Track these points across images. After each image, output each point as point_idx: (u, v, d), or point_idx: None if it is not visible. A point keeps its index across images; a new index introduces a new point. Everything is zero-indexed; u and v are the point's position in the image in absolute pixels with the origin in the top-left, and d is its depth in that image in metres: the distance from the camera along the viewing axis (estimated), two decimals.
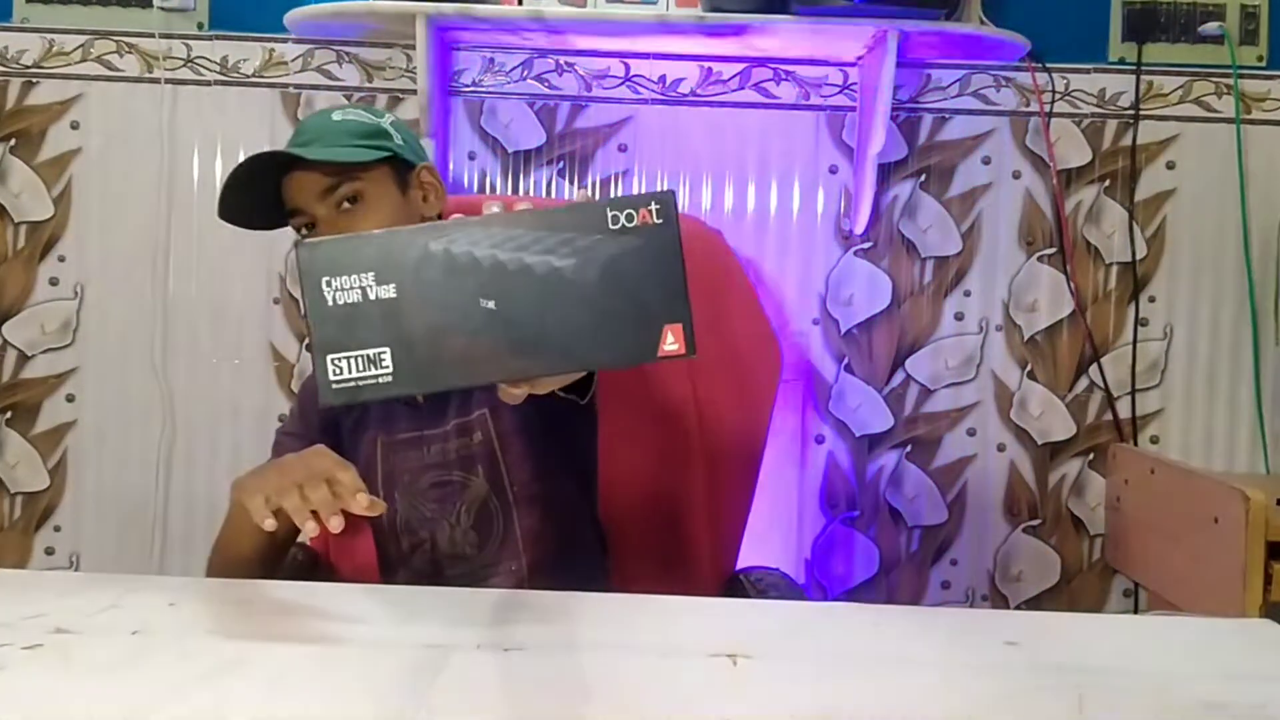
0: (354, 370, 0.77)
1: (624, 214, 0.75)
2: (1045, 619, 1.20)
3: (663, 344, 0.75)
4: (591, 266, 0.75)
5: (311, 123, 1.35)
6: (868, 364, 2.23)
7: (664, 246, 0.75)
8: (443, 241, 0.76)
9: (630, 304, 0.75)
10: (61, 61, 2.21)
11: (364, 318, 0.77)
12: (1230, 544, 1.67)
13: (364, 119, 1.35)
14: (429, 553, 1.39)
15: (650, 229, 0.75)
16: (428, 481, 1.38)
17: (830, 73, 2.20)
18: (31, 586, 1.09)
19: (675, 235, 0.75)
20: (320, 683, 0.85)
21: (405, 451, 1.39)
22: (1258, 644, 1.03)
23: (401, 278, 0.76)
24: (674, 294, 0.75)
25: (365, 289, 0.77)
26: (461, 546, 1.38)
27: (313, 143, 1.30)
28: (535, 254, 0.75)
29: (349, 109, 1.37)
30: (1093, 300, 2.22)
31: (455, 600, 1.11)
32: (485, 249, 0.76)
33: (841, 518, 2.25)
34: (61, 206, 2.22)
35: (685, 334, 0.75)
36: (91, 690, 0.82)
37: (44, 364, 2.24)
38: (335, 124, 1.33)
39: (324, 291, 0.77)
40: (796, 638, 1.01)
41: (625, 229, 0.75)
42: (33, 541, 2.26)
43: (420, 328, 0.76)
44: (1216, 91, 2.20)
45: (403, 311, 0.76)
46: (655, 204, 0.75)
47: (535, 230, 0.76)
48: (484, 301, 0.75)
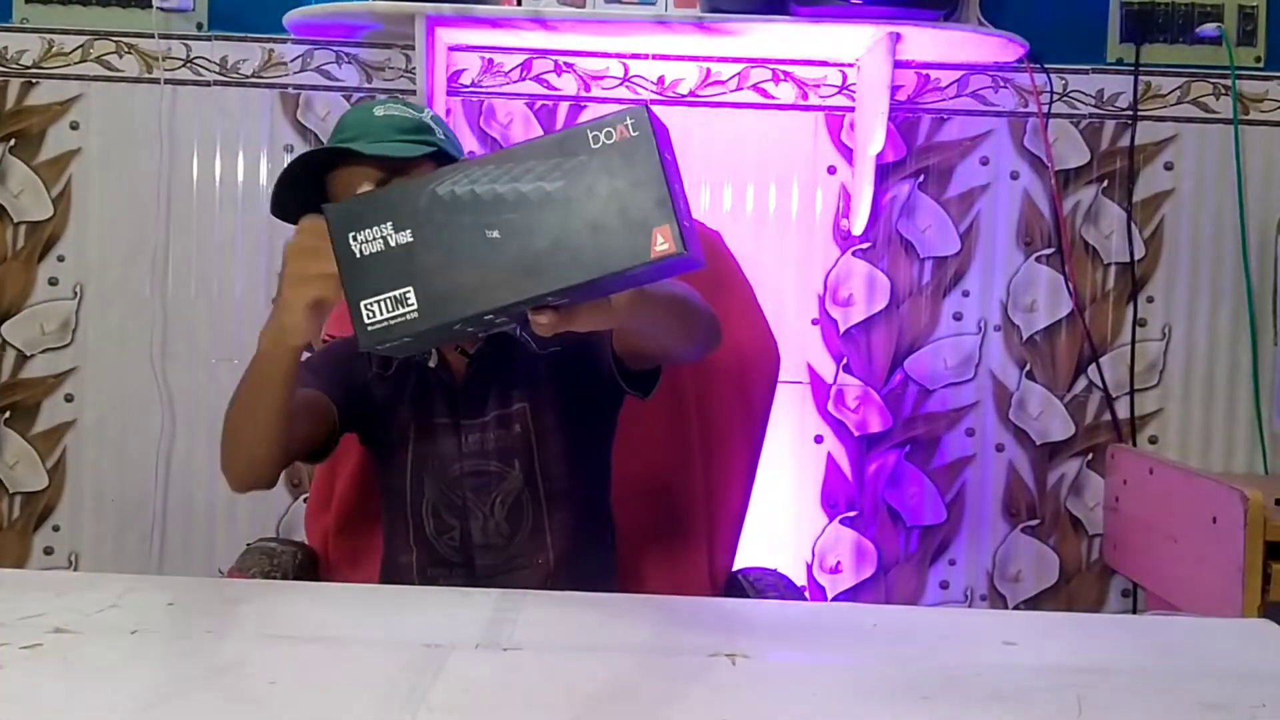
0: (384, 312, 0.84)
1: (603, 133, 0.80)
2: (1044, 619, 1.20)
3: (654, 246, 0.79)
4: (579, 185, 0.80)
5: (354, 118, 1.35)
6: (866, 364, 2.23)
7: (643, 156, 0.79)
8: (447, 184, 0.83)
9: (619, 213, 0.79)
10: (61, 62, 2.21)
11: (387, 263, 0.84)
12: (1229, 544, 1.68)
13: (407, 114, 1.35)
14: (458, 540, 1.39)
15: (628, 141, 0.79)
16: (463, 469, 1.38)
17: (829, 73, 2.21)
18: (30, 586, 1.09)
19: (652, 144, 0.79)
20: (319, 682, 0.85)
21: (439, 437, 1.39)
22: (1256, 644, 1.03)
23: (416, 222, 0.83)
24: (658, 199, 0.79)
25: (386, 238, 0.84)
26: (493, 537, 1.39)
27: (358, 139, 1.30)
28: (529, 182, 0.80)
29: (390, 104, 1.36)
30: (1091, 300, 2.22)
31: (454, 600, 1.11)
32: (484, 185, 0.82)
33: (840, 518, 2.25)
34: (61, 206, 2.22)
35: (674, 234, 0.78)
36: (90, 690, 0.82)
37: (43, 364, 2.24)
38: (379, 119, 1.33)
39: (351, 246, 0.84)
40: (795, 638, 1.01)
41: (606, 146, 0.80)
42: (31, 541, 2.26)
43: (436, 264, 0.83)
44: (1214, 92, 2.20)
45: (419, 252, 0.83)
46: (630, 118, 0.80)
47: (526, 161, 0.81)
48: (489, 232, 0.81)
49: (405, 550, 1.42)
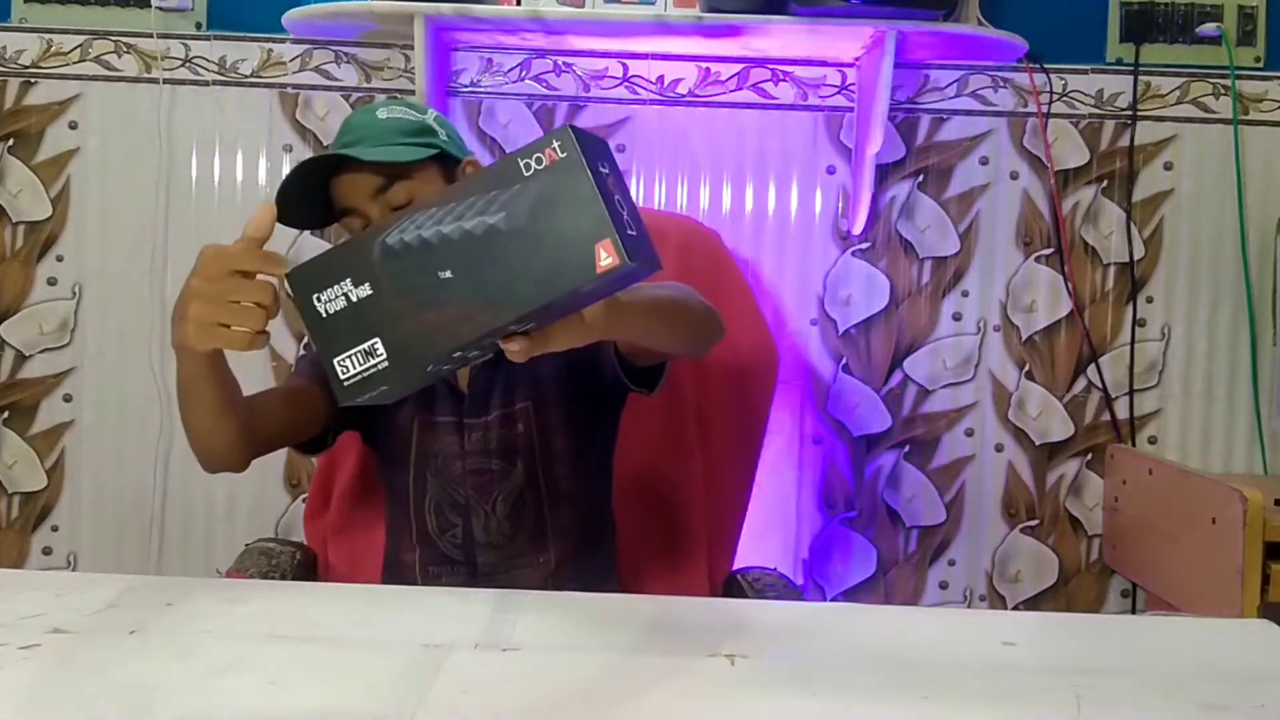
0: (356, 365, 0.86)
1: (533, 159, 0.81)
2: (1043, 619, 1.20)
3: (598, 262, 0.80)
4: (519, 213, 0.81)
5: (357, 121, 1.35)
6: (866, 364, 2.23)
7: (574, 175, 0.80)
8: (395, 234, 0.85)
9: (560, 235, 0.80)
10: (60, 61, 2.21)
11: (352, 318, 0.86)
12: (1228, 544, 1.68)
13: (410, 116, 1.35)
14: (460, 538, 1.40)
15: (559, 163, 0.81)
16: (465, 468, 1.39)
17: (828, 73, 2.21)
18: (29, 586, 1.09)
19: (580, 163, 0.80)
20: (318, 682, 0.85)
21: (442, 435, 1.39)
22: (1256, 644, 1.03)
23: (372, 275, 0.86)
24: (594, 215, 0.80)
25: (347, 294, 0.86)
26: (495, 535, 1.39)
27: (360, 142, 1.31)
28: (470, 219, 0.83)
29: (393, 105, 1.37)
30: (1090, 301, 2.22)
31: (453, 600, 1.11)
32: (430, 229, 0.84)
33: (839, 518, 2.25)
34: (60, 206, 2.22)
35: (616, 248, 0.79)
36: (89, 690, 0.82)
37: (42, 364, 2.24)
38: (381, 122, 1.33)
39: (316, 306, 0.87)
40: (794, 638, 1.01)
41: (538, 171, 0.81)
42: (30, 541, 2.26)
43: (397, 312, 0.85)
44: (1214, 92, 2.20)
45: (380, 303, 0.86)
46: (556, 141, 0.81)
47: (465, 199, 0.84)
48: (441, 273, 0.83)
49: (408, 548, 1.42)
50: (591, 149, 0.82)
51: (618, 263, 0.79)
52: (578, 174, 0.80)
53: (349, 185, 1.31)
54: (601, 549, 1.46)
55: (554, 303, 0.83)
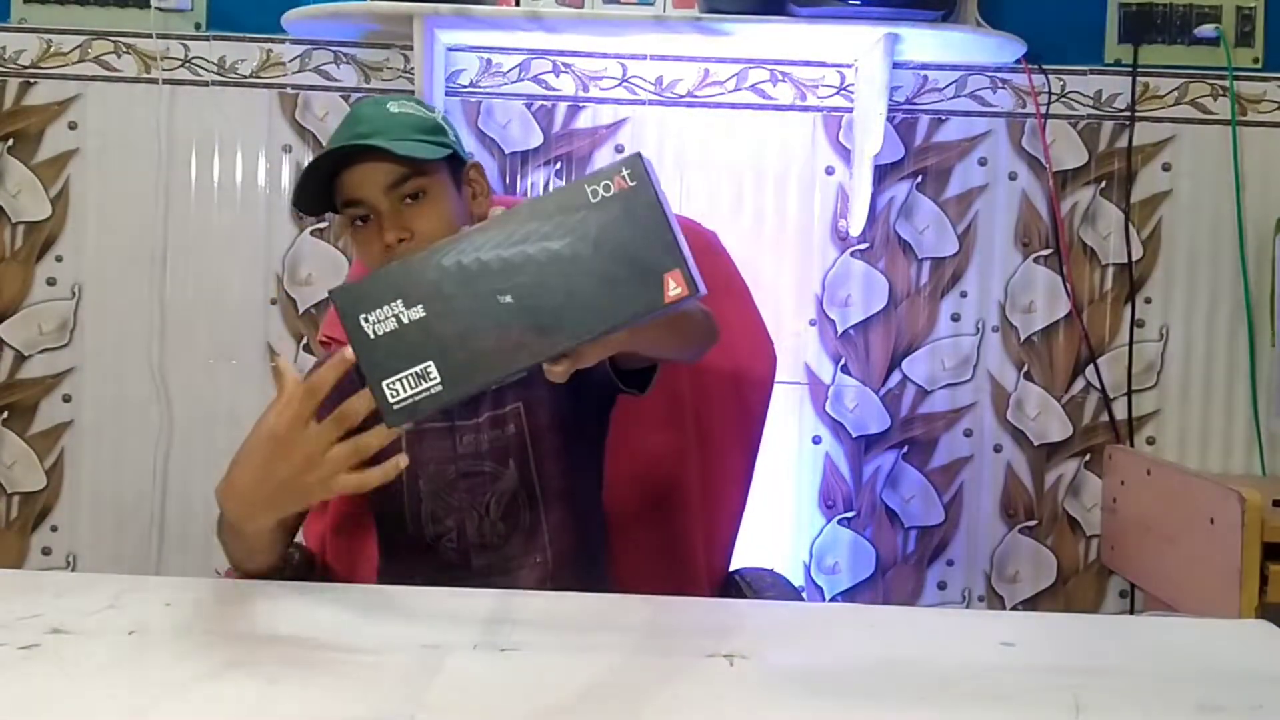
0: (407, 389, 0.85)
1: (601, 185, 0.81)
2: (1042, 619, 1.20)
3: (667, 291, 0.80)
4: (584, 240, 0.81)
5: (368, 112, 1.32)
6: (864, 365, 2.23)
7: (644, 204, 0.80)
8: (453, 256, 0.84)
9: (627, 264, 0.80)
10: (59, 62, 2.21)
11: (403, 341, 0.85)
12: (1226, 545, 1.68)
13: (423, 113, 1.34)
14: (455, 542, 1.39)
15: (627, 191, 0.80)
16: (457, 471, 1.38)
17: (827, 74, 2.21)
18: (28, 586, 1.09)
19: (652, 192, 0.80)
20: (317, 683, 0.85)
21: (434, 441, 1.38)
22: (1254, 645, 1.03)
23: (426, 296, 0.84)
24: (664, 245, 0.80)
25: (398, 315, 0.84)
26: (490, 537, 1.38)
27: (376, 134, 1.28)
28: (534, 244, 0.81)
29: (404, 101, 1.35)
30: (1089, 301, 2.22)
31: (452, 600, 1.11)
32: (490, 252, 0.82)
33: (838, 518, 2.25)
34: (59, 206, 2.22)
35: (685, 277, 0.80)
36: (88, 690, 0.82)
37: (41, 364, 2.24)
38: (395, 116, 1.31)
39: (363, 327, 0.85)
40: (793, 639, 1.01)
41: (605, 199, 0.81)
42: (29, 541, 2.26)
43: (453, 335, 0.84)
44: (1212, 93, 2.20)
45: (434, 326, 0.84)
46: (626, 169, 0.81)
47: (528, 223, 0.82)
48: (501, 298, 0.82)
49: (403, 555, 1.42)
50: (655, 178, 0.82)
51: (686, 293, 0.80)
52: (649, 202, 0.80)
53: (362, 176, 1.29)
54: (596, 547, 1.46)
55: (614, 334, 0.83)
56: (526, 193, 2.21)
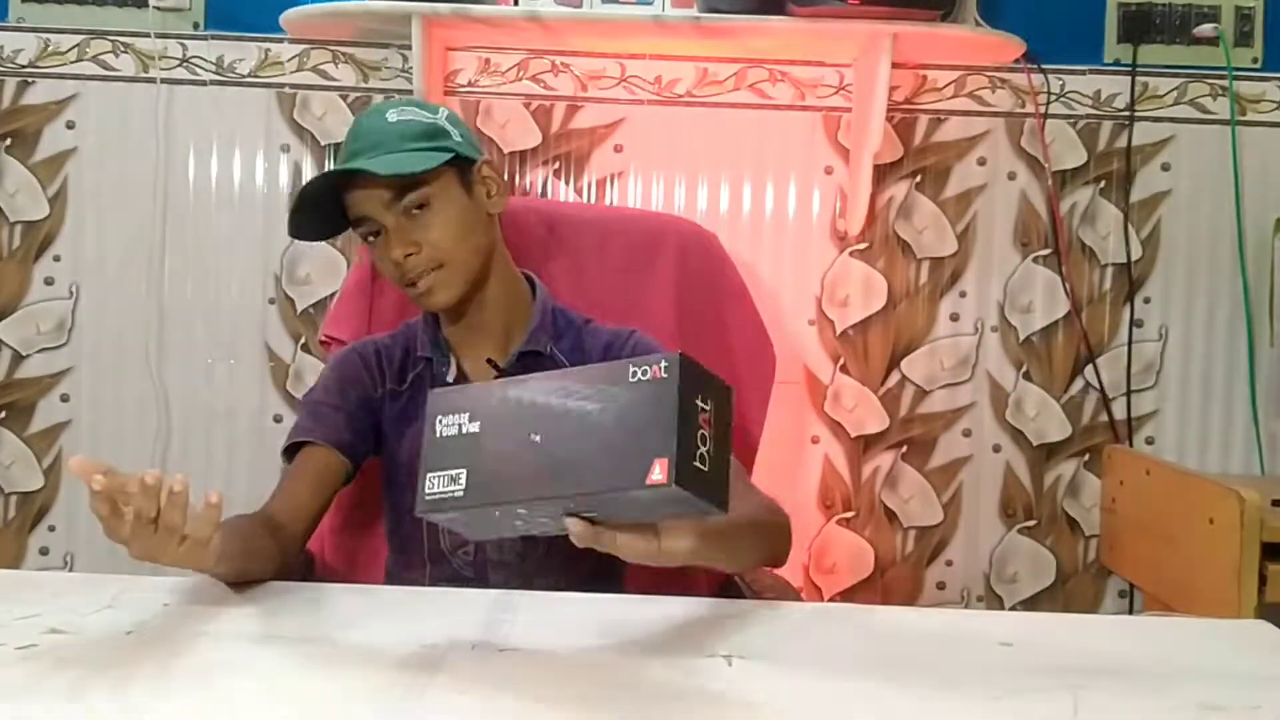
0: (439, 486, 0.93)
1: (642, 369, 0.89)
2: (1040, 620, 1.20)
3: (650, 474, 0.85)
4: (610, 410, 0.89)
5: (367, 126, 1.33)
6: (863, 365, 2.23)
7: (665, 395, 0.87)
8: (517, 390, 0.94)
9: (632, 440, 0.87)
10: (57, 61, 2.20)
11: (455, 446, 0.94)
12: (1225, 545, 1.68)
13: (421, 118, 1.33)
14: (471, 556, 1.38)
15: (658, 381, 0.87)
16: None
17: (826, 73, 2.21)
18: (26, 586, 1.09)
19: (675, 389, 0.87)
20: (316, 683, 0.85)
21: None
22: (1252, 645, 1.03)
23: (485, 416, 0.94)
24: (666, 433, 0.86)
25: (460, 424, 0.94)
26: (508, 555, 1.38)
27: (372, 149, 1.29)
28: (575, 400, 0.91)
29: (404, 107, 1.34)
30: (1088, 301, 2.22)
31: (451, 600, 1.11)
32: (543, 396, 0.92)
33: (837, 518, 2.25)
34: (57, 206, 2.22)
35: (669, 468, 0.85)
36: (85, 691, 0.81)
37: (39, 364, 2.24)
38: (393, 127, 1.31)
39: (437, 425, 0.95)
40: (792, 639, 1.01)
41: (640, 381, 0.88)
42: (27, 541, 2.26)
43: (489, 455, 0.92)
44: (1211, 93, 2.20)
45: (481, 443, 0.93)
46: (665, 362, 0.88)
47: (579, 383, 0.91)
48: (533, 435, 0.91)
49: (418, 565, 1.40)
50: (696, 383, 0.88)
51: (665, 481, 0.84)
52: (668, 395, 0.86)
53: (363, 196, 1.30)
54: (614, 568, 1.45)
55: (605, 494, 0.88)
56: (526, 192, 2.21)
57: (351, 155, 1.31)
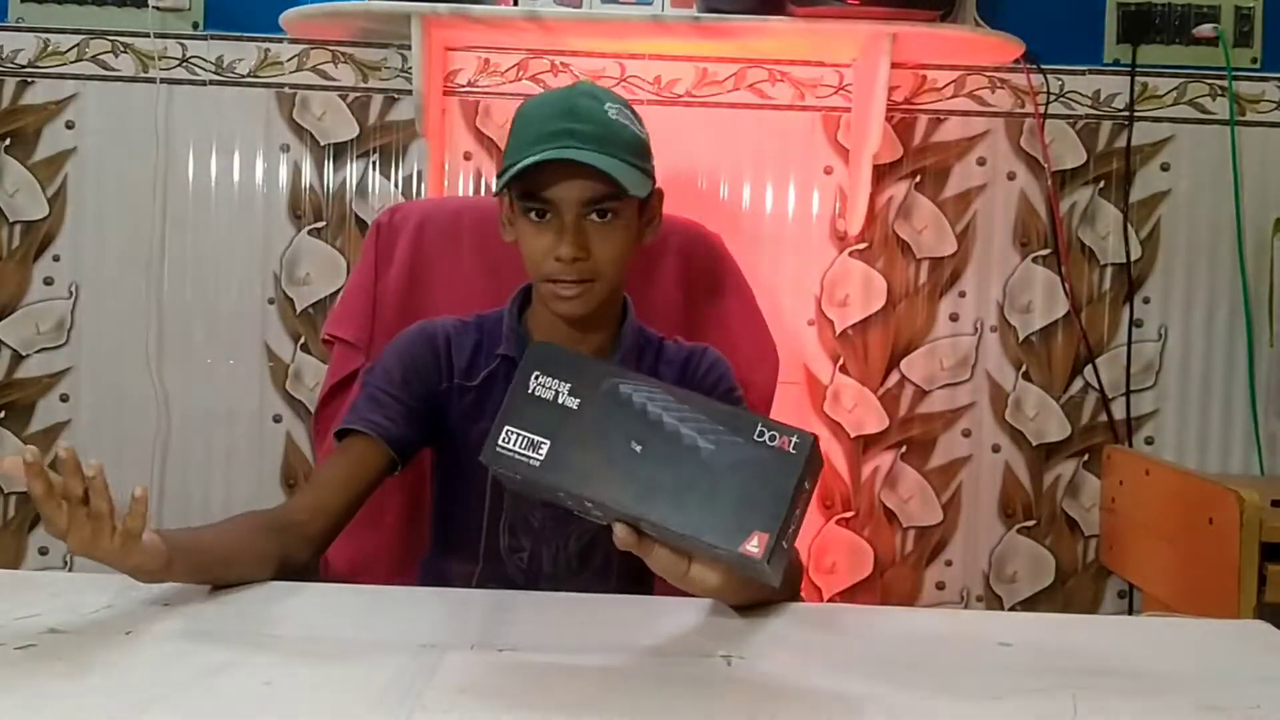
0: (516, 445, 0.90)
1: (770, 433, 0.86)
2: (1040, 620, 1.20)
3: (746, 544, 0.84)
4: (724, 457, 0.86)
5: (588, 110, 1.25)
6: (863, 365, 2.23)
7: (787, 470, 0.85)
8: (629, 387, 0.90)
9: (738, 500, 0.85)
10: (57, 61, 2.20)
11: (545, 413, 0.91)
12: (1225, 545, 1.68)
13: (637, 128, 1.28)
14: (526, 564, 1.37)
15: (783, 453, 0.86)
16: None
17: (825, 73, 2.21)
18: (25, 586, 1.09)
19: (798, 467, 0.85)
20: (314, 683, 0.85)
21: None
22: (1252, 645, 1.03)
23: (587, 397, 0.91)
24: (775, 508, 0.84)
25: (558, 392, 0.91)
26: (562, 569, 1.36)
27: (597, 142, 1.22)
28: (689, 427, 0.88)
29: (619, 106, 1.28)
30: (1087, 301, 2.22)
31: (450, 600, 1.11)
32: (656, 406, 0.89)
33: (836, 518, 2.25)
34: (56, 206, 2.22)
35: (767, 544, 0.84)
36: (85, 691, 0.81)
37: (38, 364, 2.24)
38: (614, 125, 1.25)
39: (530, 380, 0.92)
40: (791, 639, 1.01)
41: (764, 444, 0.86)
42: (26, 541, 2.26)
43: (579, 437, 0.90)
44: (1211, 93, 2.20)
45: (575, 421, 0.90)
46: (797, 438, 0.86)
47: (699, 412, 0.89)
48: (634, 444, 0.88)
49: (469, 560, 1.38)
50: (812, 467, 0.87)
51: (759, 555, 0.83)
52: (789, 475, 0.85)
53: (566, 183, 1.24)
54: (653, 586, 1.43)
55: (683, 539, 0.87)
56: None
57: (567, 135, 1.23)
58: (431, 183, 2.17)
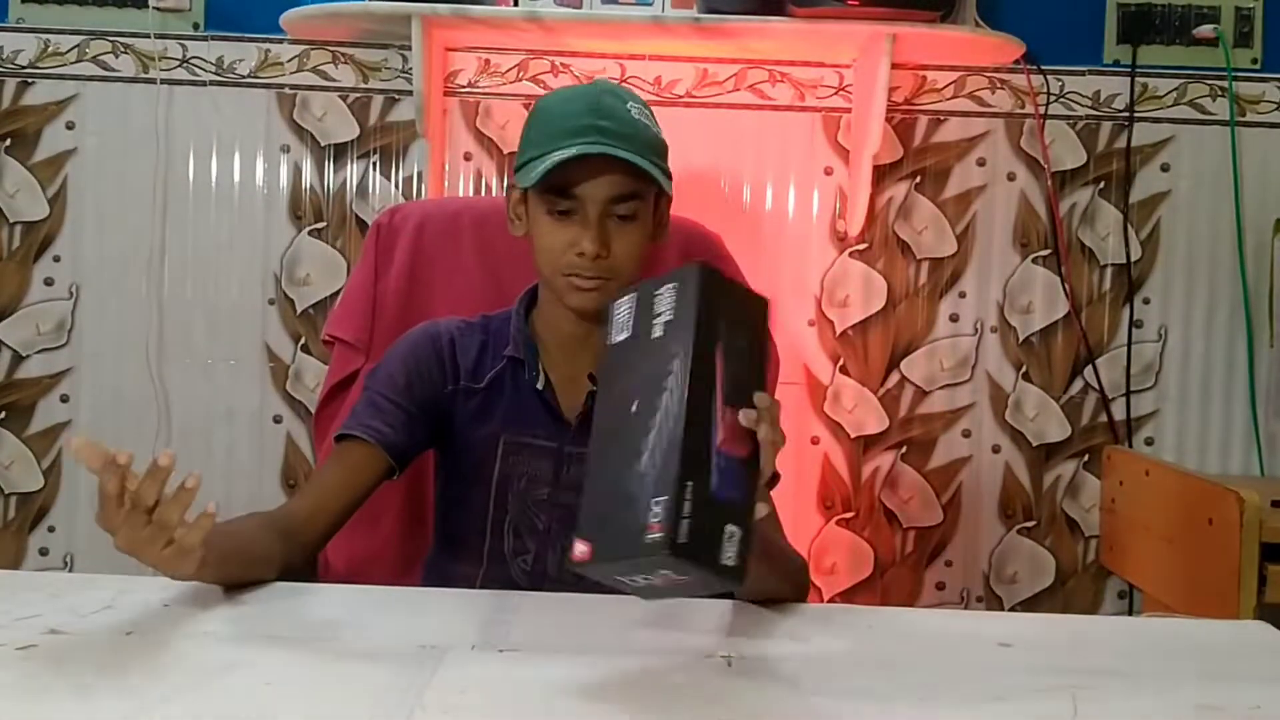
0: None
1: None
2: (1040, 620, 1.20)
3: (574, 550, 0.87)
4: None
5: (612, 108, 1.25)
6: (863, 365, 2.23)
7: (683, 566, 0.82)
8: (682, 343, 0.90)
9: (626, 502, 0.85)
10: (57, 62, 2.20)
11: None
12: (1224, 546, 1.68)
13: (657, 129, 1.29)
14: (529, 566, 1.35)
15: None
16: (553, 497, 1.33)
17: (826, 74, 2.21)
18: (25, 587, 1.09)
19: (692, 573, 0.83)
20: (315, 683, 0.85)
21: (532, 457, 1.33)
22: (1251, 646, 1.03)
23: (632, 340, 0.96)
24: None
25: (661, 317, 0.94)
26: (566, 574, 1.31)
27: (625, 140, 1.23)
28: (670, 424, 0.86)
29: (639, 106, 1.28)
30: (1087, 302, 2.23)
31: (451, 601, 1.11)
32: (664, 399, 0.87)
33: (837, 519, 2.25)
34: (57, 206, 2.22)
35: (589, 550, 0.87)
36: (85, 691, 0.81)
37: (39, 364, 2.24)
38: (637, 125, 1.25)
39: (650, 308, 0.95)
40: (792, 639, 1.01)
41: None
42: (27, 542, 2.26)
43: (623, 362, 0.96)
44: (1211, 94, 2.20)
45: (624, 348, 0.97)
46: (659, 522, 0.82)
47: None
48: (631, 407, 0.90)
49: (474, 562, 1.37)
50: None
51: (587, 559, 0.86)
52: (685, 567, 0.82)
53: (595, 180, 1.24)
54: None
55: None
56: None
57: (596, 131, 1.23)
58: (432, 183, 2.17)
